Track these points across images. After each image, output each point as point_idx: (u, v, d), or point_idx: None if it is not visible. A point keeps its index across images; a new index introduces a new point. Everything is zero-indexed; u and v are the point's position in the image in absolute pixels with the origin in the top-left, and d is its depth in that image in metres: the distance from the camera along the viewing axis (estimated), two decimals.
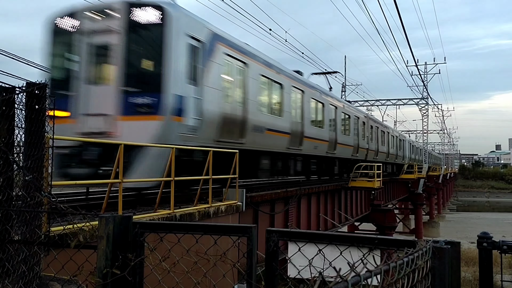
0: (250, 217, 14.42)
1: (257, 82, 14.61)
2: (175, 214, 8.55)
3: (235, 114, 13.05)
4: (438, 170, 70.81)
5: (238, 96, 13.41)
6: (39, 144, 4.46)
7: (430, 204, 61.25)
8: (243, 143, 13.52)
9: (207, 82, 11.42)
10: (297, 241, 2.63)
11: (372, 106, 58.79)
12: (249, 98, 13.80)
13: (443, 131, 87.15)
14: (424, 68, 56.05)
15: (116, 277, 2.60)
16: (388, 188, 37.86)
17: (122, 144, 7.31)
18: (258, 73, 14.69)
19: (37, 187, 3.87)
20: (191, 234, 2.82)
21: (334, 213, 23.70)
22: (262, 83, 15.12)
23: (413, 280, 1.68)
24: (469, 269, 25.71)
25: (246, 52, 14.01)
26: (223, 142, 12.28)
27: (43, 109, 4.54)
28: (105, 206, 7.39)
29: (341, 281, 0.99)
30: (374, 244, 2.37)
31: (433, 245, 2.08)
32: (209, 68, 11.59)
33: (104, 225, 2.66)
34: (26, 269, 3.89)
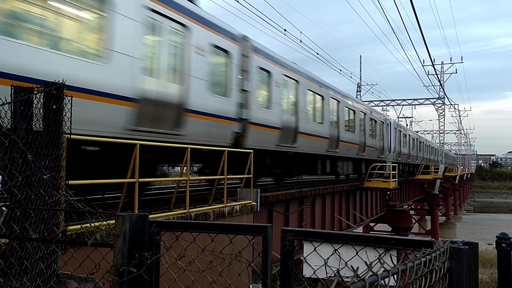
0: (264, 217, 14.43)
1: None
2: (190, 214, 8.59)
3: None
4: (454, 170, 70.00)
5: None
6: (56, 144, 4.52)
7: (447, 205, 60.57)
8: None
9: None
10: (313, 241, 2.62)
11: (388, 106, 58.39)
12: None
13: (460, 131, 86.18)
14: (441, 67, 55.51)
15: (133, 275, 2.62)
16: (404, 189, 37.56)
17: (138, 144, 7.36)
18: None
19: (55, 186, 3.92)
20: (207, 233, 2.83)
21: (349, 213, 23.59)
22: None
23: (430, 281, 1.66)
24: (486, 271, 25.40)
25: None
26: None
27: (61, 109, 4.60)
28: (121, 205, 7.45)
29: (359, 280, 0.98)
30: (390, 244, 2.35)
31: (450, 246, 2.05)
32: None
33: (120, 223, 2.68)
34: (44, 267, 3.94)
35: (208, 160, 12.22)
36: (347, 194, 23.39)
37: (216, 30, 11.63)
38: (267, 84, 14.53)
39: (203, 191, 14.06)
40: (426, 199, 48.86)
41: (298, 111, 16.59)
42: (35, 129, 4.49)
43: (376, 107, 53.12)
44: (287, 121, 15.71)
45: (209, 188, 14.37)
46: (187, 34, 10.34)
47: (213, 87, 11.36)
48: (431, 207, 49.00)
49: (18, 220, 3.90)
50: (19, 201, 3.94)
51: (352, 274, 1.02)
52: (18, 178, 3.85)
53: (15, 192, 3.92)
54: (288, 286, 2.65)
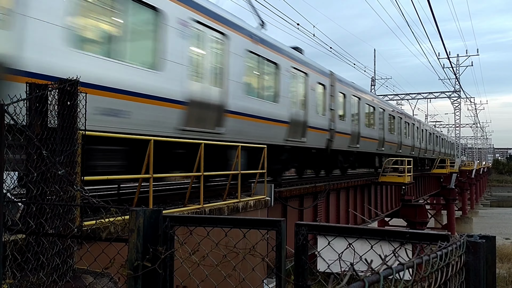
0: (278, 212, 14.42)
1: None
2: (204, 209, 8.62)
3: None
4: (470, 165, 69.17)
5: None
6: (71, 140, 4.55)
7: (463, 199, 59.89)
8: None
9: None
10: (327, 235, 2.60)
11: (402, 100, 57.89)
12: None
13: (476, 124, 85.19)
14: (456, 60, 54.83)
15: (147, 269, 2.63)
16: (419, 183, 37.24)
17: (152, 140, 7.40)
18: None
19: (70, 182, 3.95)
20: (220, 228, 2.82)
21: (363, 208, 23.47)
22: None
23: (447, 275, 1.63)
24: (504, 266, 25.12)
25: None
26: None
27: (75, 105, 4.63)
28: (136, 200, 7.50)
29: (373, 274, 0.96)
30: (405, 238, 2.33)
31: (467, 239, 2.02)
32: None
33: (134, 218, 2.68)
34: (59, 262, 3.98)
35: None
36: (362, 188, 23.26)
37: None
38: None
39: (218, 187, 14.09)
40: (442, 194, 48.37)
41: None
42: (50, 125, 4.53)
43: (391, 101, 52.71)
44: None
45: (223, 183, 14.42)
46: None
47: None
48: (447, 202, 48.51)
49: (34, 216, 3.95)
50: (35, 197, 3.98)
51: (367, 269, 1.00)
52: (34, 174, 3.89)
53: (31, 188, 3.97)
54: (302, 280, 2.64)
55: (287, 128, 14.77)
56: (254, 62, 13.12)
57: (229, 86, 11.46)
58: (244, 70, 12.41)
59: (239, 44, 12.00)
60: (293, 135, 15.31)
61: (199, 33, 10.41)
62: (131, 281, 2.67)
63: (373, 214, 24.75)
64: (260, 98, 13.34)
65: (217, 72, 11.18)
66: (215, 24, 11.02)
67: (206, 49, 10.77)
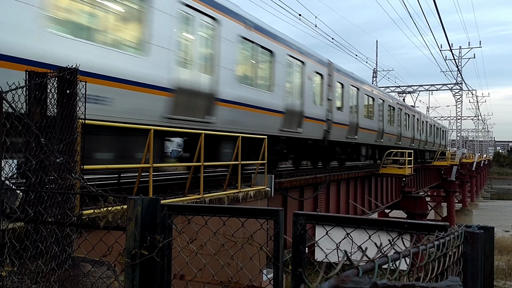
0: (279, 203, 14.44)
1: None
2: (204, 199, 8.62)
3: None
4: (471, 157, 69.10)
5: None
6: (70, 128, 4.54)
7: (463, 192, 59.93)
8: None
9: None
10: (325, 225, 2.59)
11: (404, 92, 57.75)
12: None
13: (477, 117, 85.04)
14: (459, 52, 54.63)
15: (145, 258, 2.63)
16: (420, 175, 37.26)
17: (152, 130, 7.38)
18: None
19: (69, 170, 3.94)
20: (219, 217, 2.82)
21: (364, 200, 23.50)
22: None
23: (444, 265, 1.62)
24: (503, 258, 25.19)
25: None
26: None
27: (75, 94, 4.61)
28: (136, 190, 7.50)
29: (368, 262, 0.95)
30: (403, 228, 2.32)
31: (465, 230, 2.01)
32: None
33: (132, 206, 2.68)
34: (58, 250, 3.99)
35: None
36: (362, 180, 23.27)
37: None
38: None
39: (218, 177, 14.10)
40: (442, 186, 48.39)
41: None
42: (50, 114, 4.51)
43: (392, 93, 52.57)
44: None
45: (224, 173, 14.43)
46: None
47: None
48: (447, 194, 48.54)
49: (33, 204, 3.95)
50: (34, 185, 3.98)
51: (361, 256, 0.99)
52: (32, 162, 3.88)
53: (30, 175, 3.96)
54: (299, 270, 2.63)
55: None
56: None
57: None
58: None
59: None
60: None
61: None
62: (128, 269, 2.68)
63: (373, 205, 24.79)
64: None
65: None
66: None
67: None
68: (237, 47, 11.95)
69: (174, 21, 9.65)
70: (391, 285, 0.74)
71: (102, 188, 4.28)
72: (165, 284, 2.82)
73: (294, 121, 15.39)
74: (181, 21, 9.97)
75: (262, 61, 13.58)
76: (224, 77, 11.24)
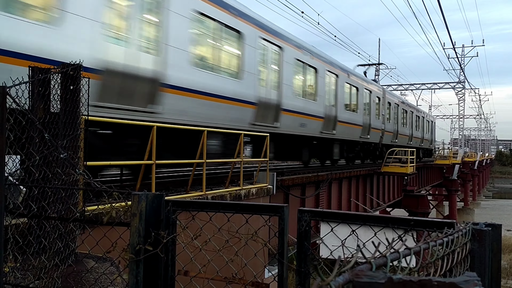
0: (280, 201, 14.44)
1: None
2: (207, 196, 8.62)
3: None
4: (473, 156, 69.02)
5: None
6: (74, 124, 4.53)
7: (465, 191, 59.89)
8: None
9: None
10: (330, 222, 2.58)
11: (406, 90, 57.67)
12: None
13: (480, 116, 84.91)
14: (462, 51, 54.48)
15: (149, 253, 2.62)
16: (422, 174, 37.22)
17: (155, 126, 7.38)
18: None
19: (72, 165, 3.94)
20: (223, 213, 2.81)
21: (365, 198, 23.49)
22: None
23: (452, 262, 1.61)
24: (504, 257, 25.16)
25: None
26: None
27: (78, 90, 4.60)
28: (139, 186, 7.50)
29: (380, 256, 0.94)
30: (410, 225, 2.30)
31: (472, 227, 2.00)
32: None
33: (137, 202, 2.67)
34: (62, 245, 3.98)
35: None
36: (364, 178, 23.26)
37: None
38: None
39: (220, 174, 14.09)
40: (444, 185, 48.38)
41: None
42: (53, 110, 4.51)
43: (395, 91, 52.49)
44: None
45: (226, 171, 14.41)
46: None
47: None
48: (449, 193, 48.53)
49: (36, 199, 3.94)
50: (37, 180, 3.97)
51: (370, 255, 0.98)
52: (36, 157, 3.88)
53: (33, 171, 3.96)
54: (304, 266, 2.62)
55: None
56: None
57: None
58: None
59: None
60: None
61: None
62: (132, 265, 2.67)
63: (375, 204, 24.78)
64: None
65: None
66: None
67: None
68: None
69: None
70: (407, 280, 0.72)
71: (106, 185, 4.27)
72: (169, 280, 2.81)
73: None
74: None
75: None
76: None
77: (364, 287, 0.73)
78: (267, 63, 13.66)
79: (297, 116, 15.57)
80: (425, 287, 0.71)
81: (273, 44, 13.84)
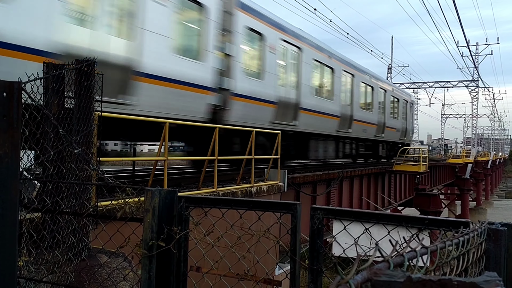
0: (291, 198, 14.42)
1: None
2: (218, 193, 8.64)
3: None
4: (486, 155, 68.32)
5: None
6: (87, 120, 4.57)
7: (478, 190, 59.26)
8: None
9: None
10: (343, 220, 2.57)
11: (419, 88, 57.22)
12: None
13: (493, 114, 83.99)
14: (476, 49, 53.88)
15: (162, 249, 2.64)
16: (434, 173, 36.94)
17: (167, 123, 7.40)
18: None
19: (86, 161, 3.97)
20: (235, 210, 2.81)
21: (377, 196, 23.38)
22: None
23: (468, 262, 1.60)
24: None
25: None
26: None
27: (92, 86, 4.63)
28: (151, 182, 7.54)
29: (397, 255, 0.93)
30: (424, 224, 2.29)
31: (488, 227, 1.98)
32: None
33: (150, 198, 2.68)
34: (75, 240, 4.02)
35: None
36: (376, 177, 23.14)
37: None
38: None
39: (231, 171, 14.12)
40: (456, 184, 47.92)
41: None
42: (67, 105, 4.54)
43: (407, 89, 52.11)
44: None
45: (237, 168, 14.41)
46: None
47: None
48: (461, 192, 48.07)
49: (50, 194, 3.98)
50: (51, 175, 4.01)
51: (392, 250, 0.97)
52: (50, 152, 3.91)
53: (48, 166, 3.99)
54: (317, 264, 2.62)
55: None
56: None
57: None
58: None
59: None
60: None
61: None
62: (145, 260, 2.68)
63: (386, 202, 24.65)
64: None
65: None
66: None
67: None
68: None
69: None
70: (426, 279, 0.72)
71: (118, 180, 4.30)
72: (181, 275, 2.82)
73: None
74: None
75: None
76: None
77: (382, 286, 0.73)
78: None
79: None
80: (445, 287, 0.71)
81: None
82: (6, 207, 2.90)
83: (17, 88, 3.02)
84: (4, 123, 2.90)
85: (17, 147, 2.98)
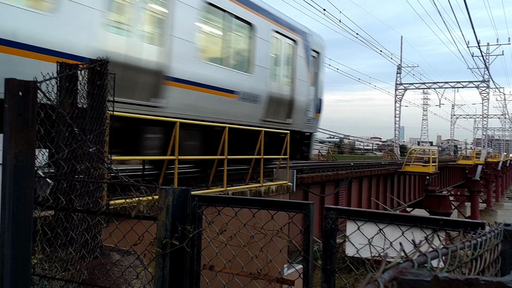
0: (300, 198, 14.42)
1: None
2: (228, 192, 8.66)
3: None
4: (497, 156, 67.77)
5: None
6: (100, 119, 4.60)
7: (488, 192, 58.81)
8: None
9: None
10: (356, 220, 2.57)
11: (429, 88, 56.85)
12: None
13: (504, 115, 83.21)
14: (486, 49, 53.43)
15: (175, 247, 2.65)
16: (444, 174, 36.73)
17: (178, 122, 7.43)
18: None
19: (100, 159, 4.00)
20: (248, 209, 2.82)
21: (386, 197, 23.29)
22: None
23: (485, 262, 1.59)
24: None
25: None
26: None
27: (105, 85, 4.66)
28: (162, 181, 7.58)
29: (406, 260, 0.93)
30: (438, 225, 2.28)
31: (504, 228, 1.97)
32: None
33: (164, 196, 2.70)
34: (88, 238, 4.05)
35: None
36: (385, 177, 23.06)
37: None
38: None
39: (240, 171, 14.13)
40: (466, 185, 47.60)
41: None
42: (80, 105, 4.58)
43: (417, 89, 51.79)
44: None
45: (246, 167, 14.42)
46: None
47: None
48: (471, 193, 47.75)
49: (64, 192, 4.01)
50: (65, 174, 4.05)
51: (414, 250, 0.98)
52: (65, 151, 3.95)
53: (62, 164, 4.03)
54: (330, 264, 2.62)
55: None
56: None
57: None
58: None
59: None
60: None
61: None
62: (159, 259, 2.70)
63: (395, 203, 24.55)
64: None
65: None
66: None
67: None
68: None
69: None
70: (453, 278, 0.72)
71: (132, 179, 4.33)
72: (194, 274, 2.84)
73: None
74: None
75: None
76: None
77: (409, 284, 0.73)
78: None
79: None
80: (471, 286, 0.71)
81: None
82: (21, 204, 2.94)
83: (32, 87, 3.05)
84: (20, 122, 2.93)
85: (33, 145, 3.01)
